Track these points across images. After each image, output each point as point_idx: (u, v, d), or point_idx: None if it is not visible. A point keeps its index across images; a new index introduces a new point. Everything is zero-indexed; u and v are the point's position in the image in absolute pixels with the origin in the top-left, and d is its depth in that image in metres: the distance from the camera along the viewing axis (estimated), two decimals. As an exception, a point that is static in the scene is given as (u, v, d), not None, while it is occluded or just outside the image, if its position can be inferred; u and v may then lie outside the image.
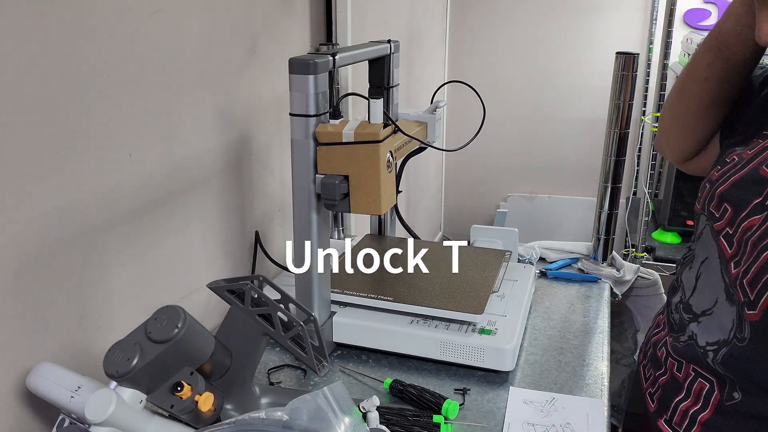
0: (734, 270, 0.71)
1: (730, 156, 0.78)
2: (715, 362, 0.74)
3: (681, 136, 0.90)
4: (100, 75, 0.77)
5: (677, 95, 0.88)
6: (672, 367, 0.82)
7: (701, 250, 0.80)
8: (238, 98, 1.08)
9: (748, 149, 0.75)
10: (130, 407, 0.64)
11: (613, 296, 1.20)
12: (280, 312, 0.74)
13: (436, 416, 0.80)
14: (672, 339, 0.83)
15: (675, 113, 0.90)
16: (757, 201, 0.70)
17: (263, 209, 1.20)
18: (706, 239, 0.78)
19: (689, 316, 0.81)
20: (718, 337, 0.74)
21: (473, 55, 2.85)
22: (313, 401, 0.60)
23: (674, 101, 0.89)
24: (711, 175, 0.79)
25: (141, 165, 0.86)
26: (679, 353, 0.81)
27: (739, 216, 0.71)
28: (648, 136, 2.66)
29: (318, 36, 1.36)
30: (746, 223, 0.70)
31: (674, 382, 0.81)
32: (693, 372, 0.78)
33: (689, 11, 2.58)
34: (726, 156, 0.79)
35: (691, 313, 0.80)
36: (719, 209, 0.75)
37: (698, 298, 0.80)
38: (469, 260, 1.09)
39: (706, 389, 0.76)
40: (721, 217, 0.74)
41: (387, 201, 0.87)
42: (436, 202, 2.90)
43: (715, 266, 0.76)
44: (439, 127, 1.11)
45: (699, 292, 0.80)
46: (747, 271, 0.68)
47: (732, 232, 0.72)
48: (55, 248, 0.74)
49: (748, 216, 0.70)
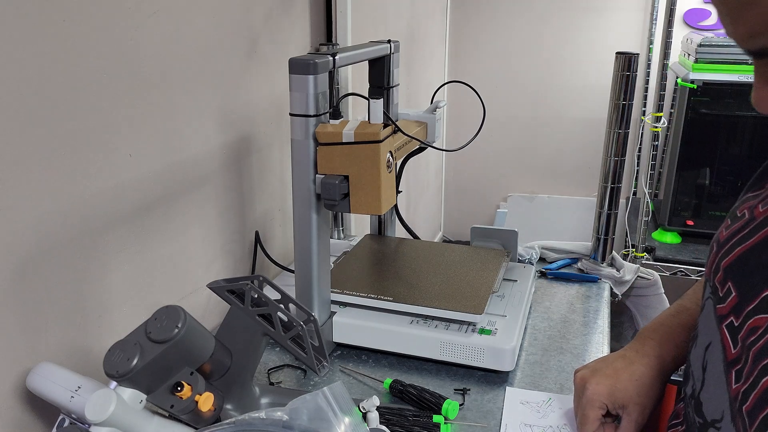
0: (735, 385, 0.56)
1: (741, 209, 0.63)
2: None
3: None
4: (100, 75, 0.77)
5: None
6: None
7: (704, 328, 0.65)
8: (238, 98, 1.08)
9: (761, 200, 0.60)
10: (130, 407, 0.64)
11: (613, 296, 1.20)
12: (280, 312, 0.74)
13: (436, 416, 0.80)
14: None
15: None
16: (766, 294, 0.54)
17: (263, 209, 1.20)
18: (709, 318, 0.64)
19: (700, 420, 0.63)
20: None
21: (473, 55, 2.85)
22: (313, 401, 0.60)
23: None
24: (719, 233, 0.64)
25: (141, 165, 0.86)
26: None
27: (744, 307, 0.56)
28: (648, 136, 2.66)
29: (318, 36, 1.36)
30: (752, 321, 0.55)
31: None
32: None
33: (689, 11, 2.58)
34: (738, 208, 0.65)
35: (702, 418, 0.63)
36: (723, 287, 0.60)
37: (707, 400, 0.63)
38: (469, 260, 1.09)
39: None
40: (724, 299, 0.60)
41: (387, 201, 0.87)
42: (436, 202, 2.90)
43: (718, 362, 0.60)
44: (439, 127, 1.11)
45: (707, 392, 0.63)
46: (747, 395, 0.53)
47: (737, 325, 0.57)
48: (55, 248, 0.74)
49: (756, 312, 0.55)
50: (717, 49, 2.18)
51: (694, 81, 2.16)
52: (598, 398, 0.74)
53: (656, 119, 2.52)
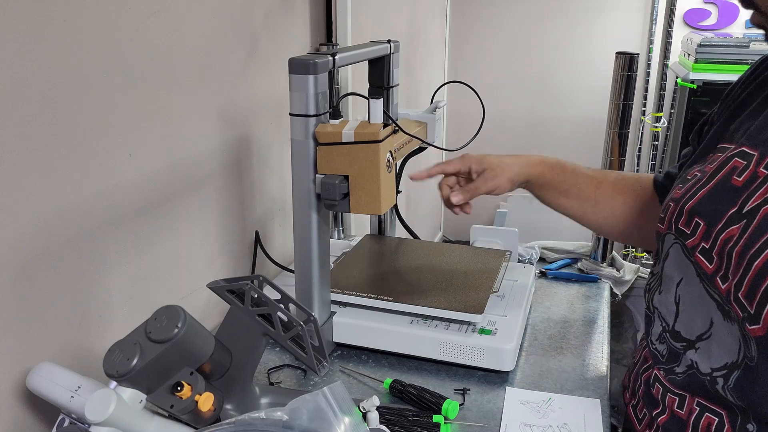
0: (723, 285, 0.67)
1: (691, 173, 0.76)
2: (726, 389, 0.68)
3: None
4: (100, 75, 0.77)
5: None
6: (672, 403, 0.75)
7: (672, 271, 0.76)
8: (238, 98, 1.08)
9: (708, 164, 0.74)
10: (130, 407, 0.64)
11: (613, 296, 1.20)
12: (280, 312, 0.74)
13: (436, 416, 0.80)
14: (665, 372, 0.77)
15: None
16: (733, 210, 0.67)
17: (263, 209, 1.20)
18: (677, 259, 0.74)
19: (682, 344, 0.74)
20: (725, 360, 0.68)
21: (473, 55, 2.85)
22: (313, 401, 0.60)
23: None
24: (674, 194, 0.76)
25: (141, 165, 0.86)
26: (680, 386, 0.74)
27: (714, 228, 0.68)
28: (648, 136, 2.66)
29: (318, 36, 1.36)
30: (724, 234, 0.67)
31: (676, 421, 0.74)
32: (698, 407, 0.72)
33: (689, 11, 2.58)
34: (686, 174, 0.77)
35: (684, 341, 0.74)
36: (690, 225, 0.72)
37: (686, 323, 0.74)
38: (469, 260, 1.09)
39: (715, 424, 0.70)
40: (694, 233, 0.71)
41: (387, 201, 0.87)
42: (436, 202, 2.90)
43: (695, 286, 0.72)
44: (439, 127, 1.11)
45: (685, 316, 0.74)
46: (740, 284, 0.64)
47: (709, 246, 0.69)
48: (55, 248, 0.74)
49: (726, 227, 0.67)
50: (717, 49, 2.18)
51: (694, 81, 2.16)
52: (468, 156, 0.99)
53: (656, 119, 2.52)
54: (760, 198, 0.65)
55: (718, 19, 2.57)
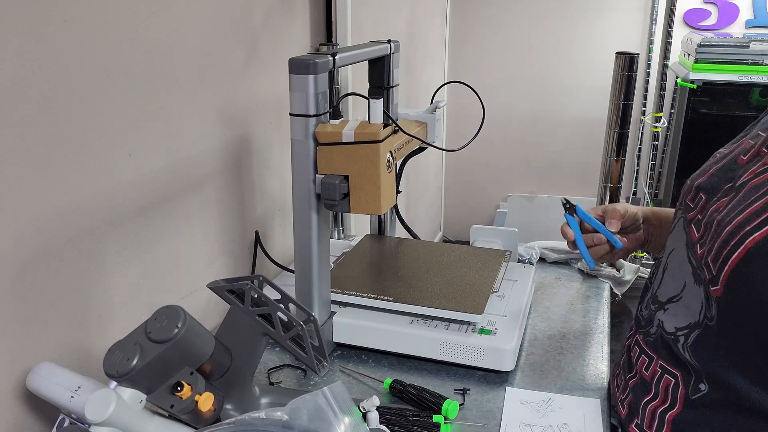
0: (700, 251, 0.71)
1: (714, 155, 0.80)
2: (685, 347, 0.72)
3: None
4: (100, 75, 0.77)
5: None
6: (642, 366, 0.79)
7: (670, 242, 0.81)
8: (238, 98, 1.08)
9: (730, 146, 0.79)
10: (130, 407, 0.64)
11: (613, 296, 1.20)
12: (280, 312, 0.74)
13: (436, 416, 0.80)
14: (643, 335, 0.81)
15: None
16: (728, 186, 0.71)
17: (263, 209, 1.20)
18: (677, 231, 0.79)
19: (656, 306, 0.80)
20: (689, 320, 0.72)
21: (473, 55, 2.85)
22: (313, 401, 0.60)
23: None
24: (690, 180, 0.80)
25: (141, 165, 0.86)
26: (650, 347, 0.79)
27: (708, 204, 0.72)
28: (648, 136, 2.66)
29: (318, 36, 1.36)
30: (714, 206, 0.71)
31: (643, 383, 0.79)
32: (660, 368, 0.76)
33: (689, 11, 2.59)
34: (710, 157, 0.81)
35: (657, 303, 0.79)
36: (694, 200, 0.76)
37: (664, 288, 0.79)
38: (469, 260, 1.09)
39: (671, 385, 0.74)
40: (695, 207, 0.75)
41: (387, 201, 0.87)
42: (436, 202, 2.90)
43: (681, 252, 0.76)
44: (439, 127, 1.11)
45: (665, 282, 0.79)
46: (711, 249, 0.68)
47: (702, 217, 0.73)
48: (55, 248, 0.74)
49: (718, 200, 0.71)
50: (717, 49, 2.18)
51: (694, 81, 2.16)
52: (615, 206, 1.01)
53: (656, 119, 2.53)
54: (752, 174, 0.68)
55: (718, 19, 2.57)
